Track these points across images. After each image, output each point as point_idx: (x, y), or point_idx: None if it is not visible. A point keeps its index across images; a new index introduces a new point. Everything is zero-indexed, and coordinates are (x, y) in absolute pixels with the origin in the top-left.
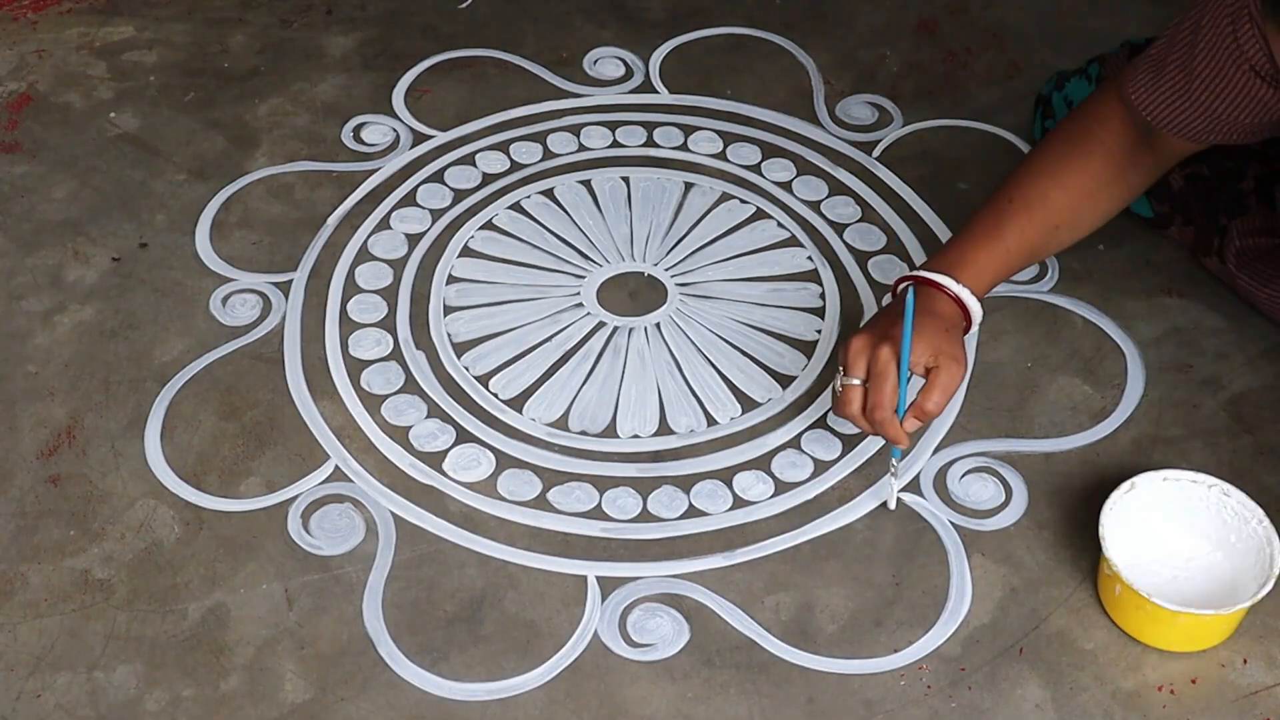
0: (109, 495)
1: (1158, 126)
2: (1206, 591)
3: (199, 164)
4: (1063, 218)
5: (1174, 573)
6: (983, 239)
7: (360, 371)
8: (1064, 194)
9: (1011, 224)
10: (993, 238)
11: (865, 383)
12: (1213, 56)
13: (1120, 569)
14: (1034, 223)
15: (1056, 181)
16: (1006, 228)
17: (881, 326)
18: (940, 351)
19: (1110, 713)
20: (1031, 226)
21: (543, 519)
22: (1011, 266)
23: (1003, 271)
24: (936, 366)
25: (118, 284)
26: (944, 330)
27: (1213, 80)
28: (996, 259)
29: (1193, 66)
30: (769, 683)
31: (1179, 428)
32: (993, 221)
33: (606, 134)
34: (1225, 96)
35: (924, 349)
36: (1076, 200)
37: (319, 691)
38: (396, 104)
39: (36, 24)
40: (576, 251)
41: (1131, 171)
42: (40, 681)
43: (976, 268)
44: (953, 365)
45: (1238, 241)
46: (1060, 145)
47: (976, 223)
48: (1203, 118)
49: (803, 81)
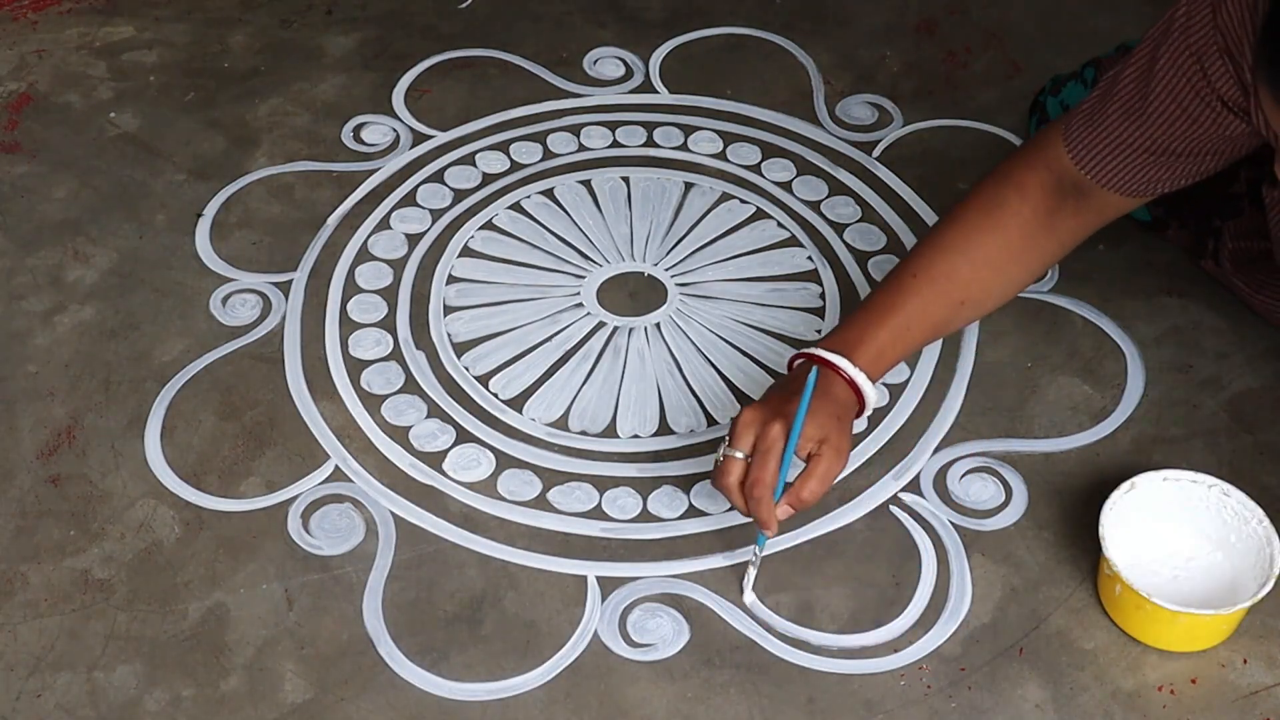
0: (109, 495)
1: (1096, 181)
2: (1206, 591)
3: (199, 164)
4: (969, 293)
5: (1174, 573)
6: (884, 317)
7: (360, 371)
8: (972, 268)
9: (914, 300)
10: (894, 316)
11: (748, 457)
12: (1172, 98)
13: (1120, 569)
14: (938, 299)
15: (965, 256)
16: (909, 304)
17: (774, 402)
18: (826, 439)
19: (1110, 713)
20: (936, 303)
21: (543, 519)
22: (912, 345)
23: (902, 351)
24: (819, 455)
25: (118, 284)
26: (835, 416)
27: (1174, 122)
28: (897, 338)
29: (1146, 112)
30: (769, 683)
31: (1179, 428)
32: (895, 298)
33: (606, 134)
34: (1188, 137)
35: (813, 432)
36: (986, 274)
37: (319, 691)
38: (396, 104)
39: (36, 24)
40: (576, 251)
41: (1047, 240)
42: (40, 681)
43: (876, 348)
44: (834, 456)
45: (1230, 244)
46: (971, 216)
47: (878, 298)
48: (1152, 163)
49: (803, 81)
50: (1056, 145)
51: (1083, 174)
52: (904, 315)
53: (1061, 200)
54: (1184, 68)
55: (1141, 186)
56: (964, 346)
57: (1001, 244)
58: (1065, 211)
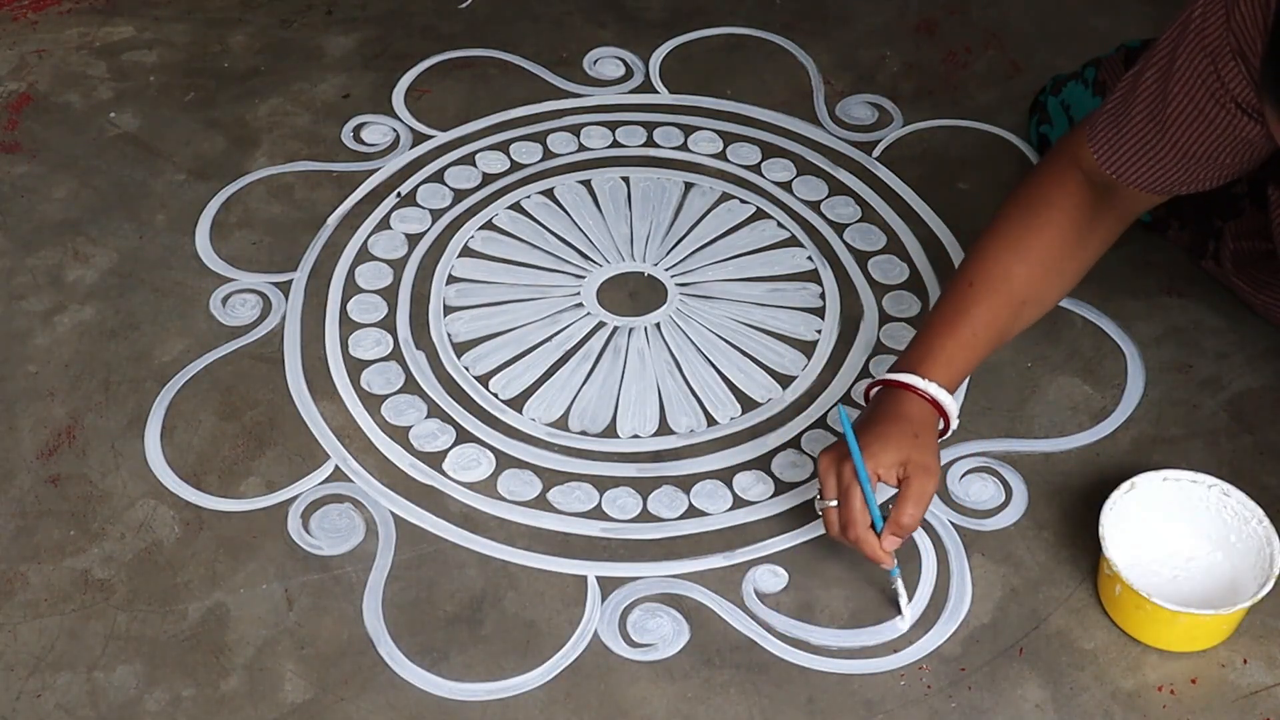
0: (109, 495)
1: (1122, 181)
2: (1206, 591)
3: (199, 164)
4: (1028, 293)
5: (1174, 573)
6: (949, 329)
7: (360, 371)
8: (1027, 268)
9: (976, 308)
10: (959, 326)
11: None
12: (1190, 99)
13: (1120, 569)
14: (999, 303)
15: (1019, 256)
16: (972, 313)
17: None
18: (909, 460)
19: (1110, 713)
20: (997, 307)
21: (543, 519)
22: (980, 352)
23: (973, 359)
24: (907, 477)
25: (118, 284)
26: (912, 436)
27: (1192, 124)
28: (965, 347)
29: (1165, 115)
30: (769, 683)
31: (1179, 428)
32: (957, 308)
33: (606, 134)
34: (1206, 139)
35: (892, 459)
36: (1041, 273)
37: (319, 691)
38: (396, 104)
39: (36, 24)
40: (576, 251)
41: (1092, 235)
42: (40, 681)
43: (945, 359)
44: (923, 475)
45: (1231, 244)
46: (1018, 218)
47: (940, 312)
48: (1174, 166)
49: (803, 81)
50: (1083, 147)
51: (1107, 173)
52: (969, 323)
53: (1099, 196)
54: (1199, 69)
55: (1163, 185)
56: None
57: (1053, 240)
58: (1104, 206)
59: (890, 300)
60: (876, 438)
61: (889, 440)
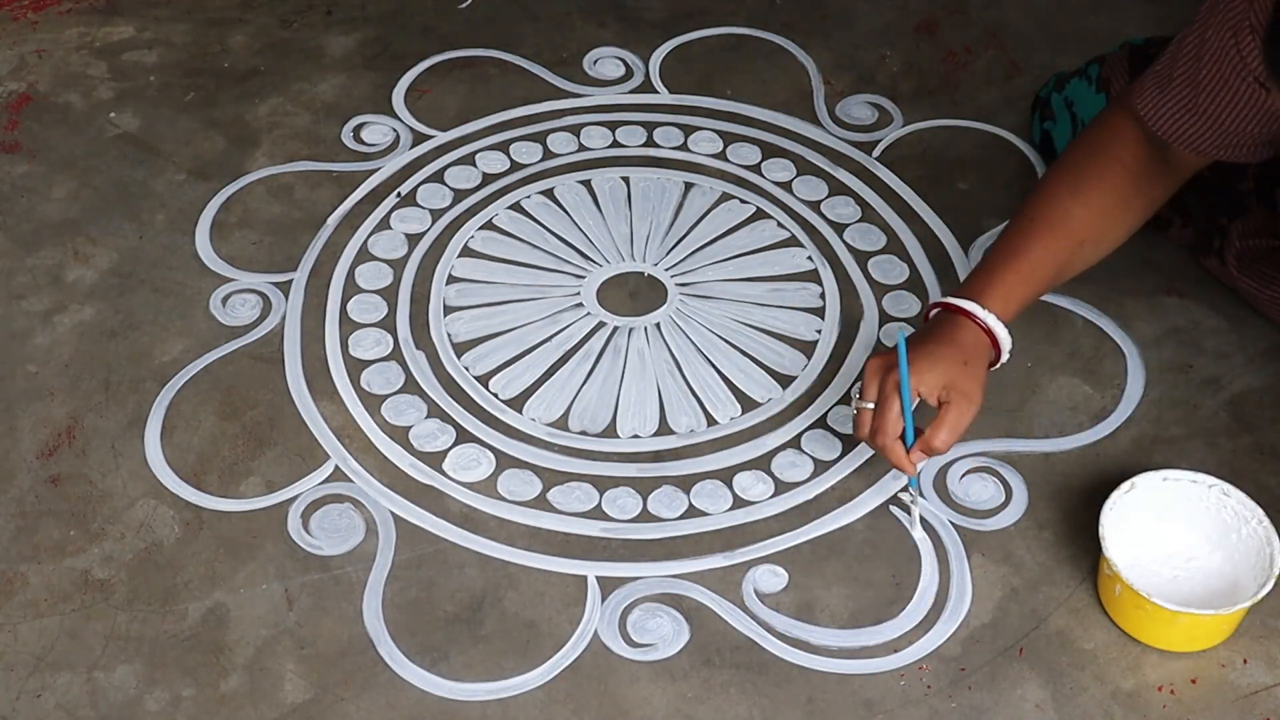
0: (109, 495)
1: (1169, 141)
2: (1207, 591)
3: (199, 164)
4: (1087, 233)
5: (1174, 573)
6: (1009, 261)
7: (360, 371)
8: (1086, 210)
9: (1037, 244)
10: (1018, 259)
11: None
12: (1218, 70)
13: (1120, 569)
14: (1058, 240)
15: (1077, 199)
16: (1032, 248)
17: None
18: (953, 386)
19: (1110, 713)
20: (1056, 244)
21: (543, 519)
22: (1039, 288)
23: (1031, 293)
24: (948, 401)
25: (118, 284)
26: (961, 363)
27: (1219, 94)
28: (1024, 280)
29: (1199, 80)
30: (769, 683)
31: (1179, 428)
32: (1018, 243)
33: (606, 134)
34: (1232, 110)
35: (937, 380)
36: (1099, 216)
37: (319, 691)
38: (396, 104)
39: (36, 24)
40: (576, 251)
41: (1149, 185)
42: (40, 681)
43: (1004, 291)
44: (963, 402)
45: (1238, 243)
46: (1078, 161)
47: (1001, 245)
48: (1211, 132)
49: (803, 81)
50: (1135, 104)
51: (1158, 134)
52: (1029, 259)
53: (1155, 150)
54: (1224, 43)
55: (1204, 148)
56: None
57: (1111, 187)
58: (1160, 160)
59: (890, 300)
60: (926, 356)
61: (938, 361)
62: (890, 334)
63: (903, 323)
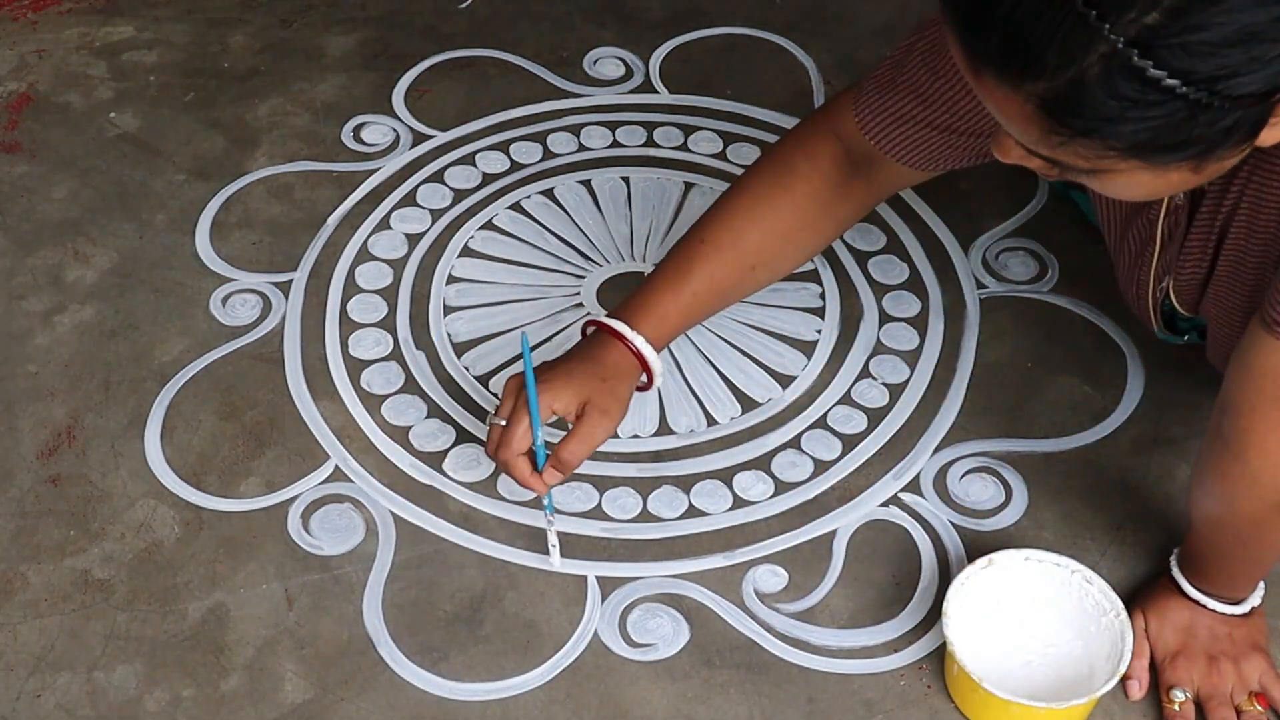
0: (109, 495)
1: (886, 154)
2: (1060, 680)
3: (199, 164)
4: (760, 258)
5: (1028, 658)
6: (671, 283)
7: (360, 371)
8: (761, 234)
9: (701, 267)
10: (680, 282)
11: None
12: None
13: (957, 648)
14: (726, 265)
15: (753, 222)
16: (696, 271)
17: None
18: (590, 400)
19: (1110, 712)
20: (724, 269)
21: (543, 519)
22: (700, 312)
23: (690, 317)
24: (582, 415)
25: (118, 284)
26: (600, 380)
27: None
28: (682, 305)
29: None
30: (769, 683)
31: (1179, 428)
32: (682, 264)
33: (606, 134)
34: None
35: (573, 397)
36: (775, 240)
37: (319, 691)
38: (396, 104)
39: (36, 24)
40: (576, 251)
41: (839, 206)
42: (40, 681)
43: (660, 314)
44: (597, 415)
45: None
46: (761, 182)
47: (667, 264)
48: (942, 141)
49: (803, 81)
50: (847, 114)
51: (872, 145)
52: (692, 281)
53: (854, 169)
54: None
55: (928, 161)
56: (964, 346)
57: (791, 210)
58: (857, 180)
59: (890, 300)
60: (563, 373)
61: (574, 378)
62: (890, 334)
63: (903, 322)
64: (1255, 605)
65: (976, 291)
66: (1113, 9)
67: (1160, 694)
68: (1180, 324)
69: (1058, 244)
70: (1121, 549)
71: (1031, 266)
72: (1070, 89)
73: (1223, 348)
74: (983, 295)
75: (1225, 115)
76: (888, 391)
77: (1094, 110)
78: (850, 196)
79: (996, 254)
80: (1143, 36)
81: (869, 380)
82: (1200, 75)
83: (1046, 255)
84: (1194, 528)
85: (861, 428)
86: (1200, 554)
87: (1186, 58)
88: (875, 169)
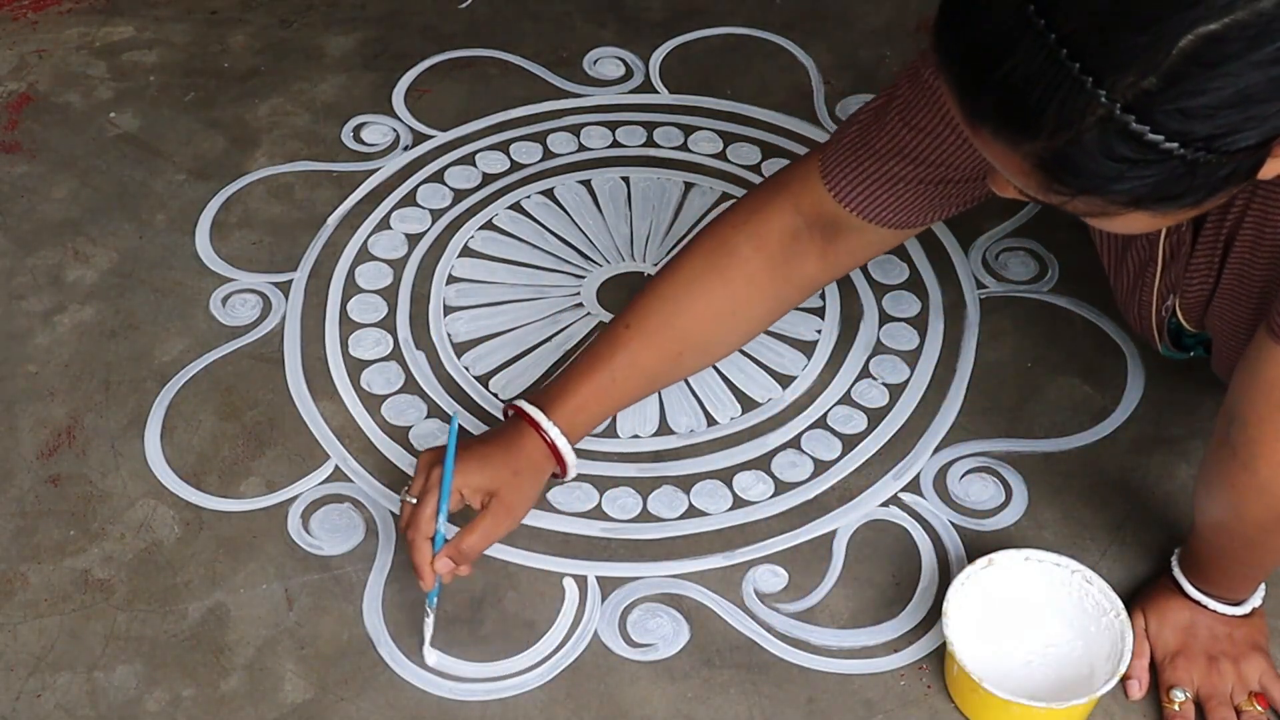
0: (109, 495)
1: (865, 218)
2: (1061, 680)
3: (199, 164)
4: (687, 344)
5: (1029, 657)
6: (591, 370)
7: (360, 371)
8: (692, 320)
9: (623, 353)
10: (600, 370)
11: None
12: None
13: (957, 648)
14: (651, 351)
15: (682, 307)
16: (617, 358)
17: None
18: (498, 494)
19: (1110, 712)
20: (648, 355)
21: (543, 519)
22: (623, 398)
23: (611, 406)
24: (486, 508)
25: (118, 284)
26: (513, 473)
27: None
28: (601, 395)
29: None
30: (769, 683)
31: (1179, 428)
32: (604, 351)
33: (606, 134)
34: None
35: (481, 484)
36: (705, 325)
37: (319, 691)
38: (396, 104)
39: (36, 24)
40: (576, 251)
41: (782, 287)
42: (40, 681)
43: (577, 404)
44: (501, 512)
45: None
46: (695, 264)
47: (591, 349)
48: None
49: (803, 81)
50: (812, 184)
51: (847, 211)
52: (610, 369)
53: (805, 245)
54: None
55: (915, 217)
56: (964, 346)
57: (725, 295)
58: (809, 256)
59: (890, 300)
60: (477, 458)
61: (487, 465)
62: (891, 334)
63: (903, 322)
64: (1256, 606)
65: (976, 291)
66: (1108, 73)
67: (1160, 694)
68: (1186, 340)
69: (1058, 244)
70: (1121, 549)
71: (1031, 266)
72: (1068, 150)
73: (1229, 360)
74: (983, 295)
75: (1223, 167)
76: (888, 391)
77: (1092, 170)
78: (798, 275)
79: (996, 254)
80: (1139, 101)
81: (869, 380)
82: (1198, 136)
83: (1046, 255)
84: (1198, 531)
85: (861, 428)
86: (1203, 556)
87: (1184, 120)
88: (840, 238)
